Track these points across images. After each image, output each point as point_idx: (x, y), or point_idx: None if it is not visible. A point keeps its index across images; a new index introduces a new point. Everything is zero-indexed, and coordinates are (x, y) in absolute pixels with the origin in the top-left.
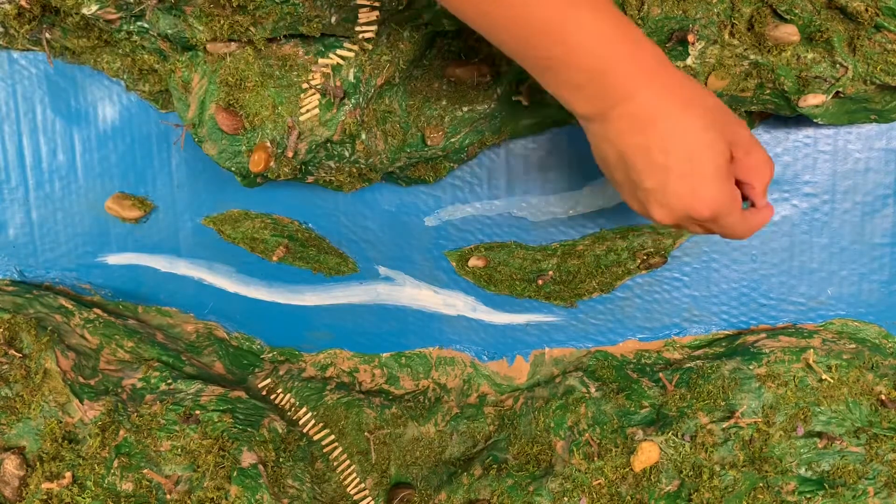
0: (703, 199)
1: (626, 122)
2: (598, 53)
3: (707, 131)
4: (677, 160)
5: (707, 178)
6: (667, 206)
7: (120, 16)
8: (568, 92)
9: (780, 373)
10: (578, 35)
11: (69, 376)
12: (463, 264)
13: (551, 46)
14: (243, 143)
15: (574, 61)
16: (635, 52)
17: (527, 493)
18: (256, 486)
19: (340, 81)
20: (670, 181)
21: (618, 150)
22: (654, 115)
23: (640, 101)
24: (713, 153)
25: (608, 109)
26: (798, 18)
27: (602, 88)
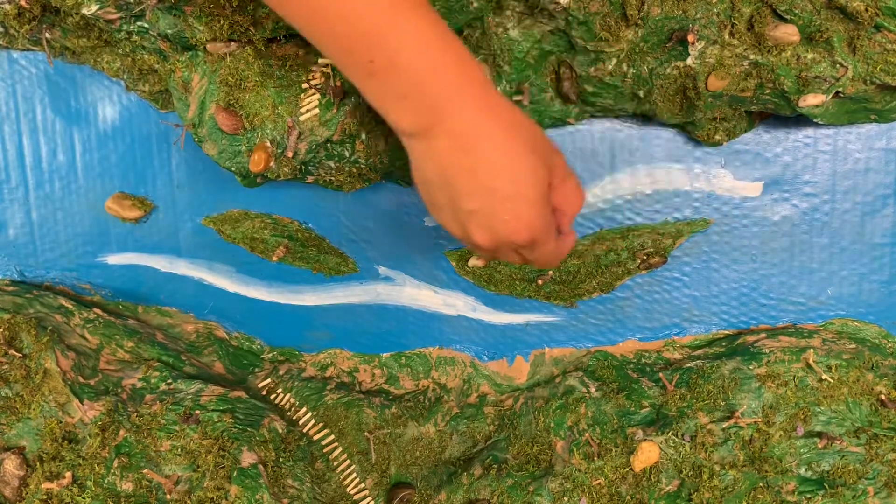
0: (525, 223)
1: (450, 140)
2: (422, 62)
3: (531, 157)
4: (502, 183)
5: (530, 203)
6: (489, 228)
7: (120, 16)
8: (391, 103)
9: (780, 373)
10: (403, 42)
11: (69, 376)
12: (463, 264)
13: (374, 51)
14: (243, 143)
15: (397, 69)
16: (462, 68)
17: (527, 493)
18: (256, 486)
19: (340, 81)
20: (494, 204)
21: (441, 169)
22: (479, 135)
23: (465, 120)
24: (536, 178)
25: (432, 125)
26: (798, 18)
27: (425, 100)
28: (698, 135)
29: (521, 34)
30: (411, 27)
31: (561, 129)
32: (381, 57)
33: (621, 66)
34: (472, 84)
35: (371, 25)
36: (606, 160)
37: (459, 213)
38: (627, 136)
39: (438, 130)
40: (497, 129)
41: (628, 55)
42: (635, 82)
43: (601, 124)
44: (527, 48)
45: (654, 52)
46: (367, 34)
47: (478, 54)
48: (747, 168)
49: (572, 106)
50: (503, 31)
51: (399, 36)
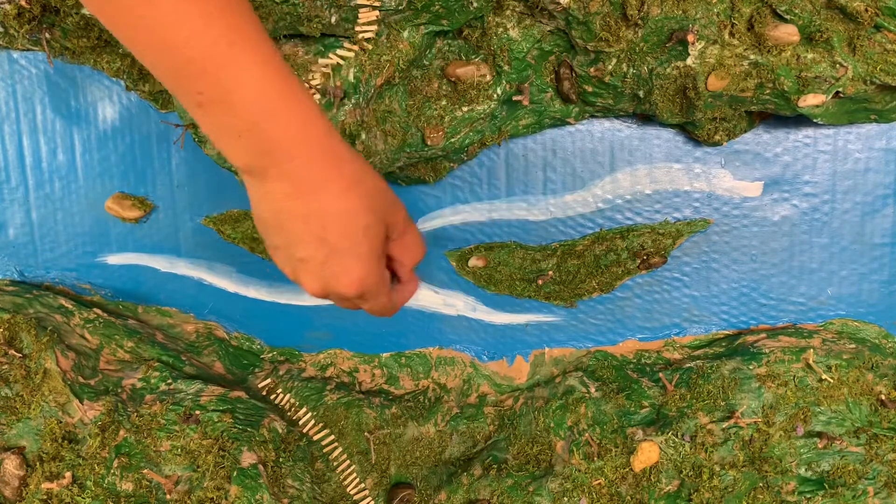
0: (354, 278)
1: (286, 185)
2: (260, 104)
3: (367, 214)
4: (335, 237)
5: (361, 259)
6: (319, 278)
7: None
8: (223, 138)
9: (780, 373)
10: (239, 80)
11: (69, 376)
12: (463, 264)
13: (204, 81)
14: None
15: (231, 106)
16: (304, 114)
17: (527, 493)
18: (256, 486)
19: (340, 81)
20: (325, 255)
21: (275, 213)
22: (316, 185)
23: (302, 167)
24: (369, 236)
25: (267, 167)
26: (798, 18)
27: (262, 142)
28: (698, 135)
29: (521, 34)
30: (250, 68)
31: (561, 129)
32: (213, 90)
33: (621, 66)
34: (314, 131)
35: (204, 59)
36: (606, 160)
37: (292, 258)
38: (627, 136)
39: (274, 174)
40: (335, 180)
41: (628, 55)
42: (635, 82)
43: (601, 124)
44: (527, 48)
45: (654, 52)
46: (199, 66)
47: (478, 54)
48: (747, 168)
49: (572, 106)
50: (503, 31)
51: (235, 73)
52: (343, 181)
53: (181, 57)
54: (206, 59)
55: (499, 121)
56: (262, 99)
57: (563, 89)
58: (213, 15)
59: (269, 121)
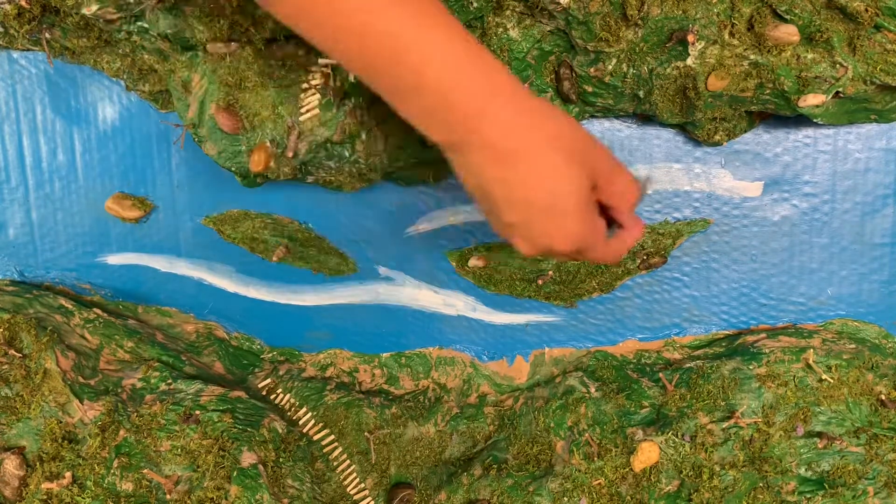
0: (565, 234)
1: (485, 153)
2: (448, 78)
3: (568, 166)
4: (539, 195)
5: (569, 213)
6: (529, 240)
7: (120, 16)
8: (420, 118)
9: (780, 373)
10: (427, 60)
11: (69, 376)
12: (463, 264)
13: (399, 68)
14: (243, 143)
15: (423, 86)
16: (490, 78)
17: (527, 493)
18: (256, 486)
19: (340, 81)
20: (532, 216)
21: (479, 182)
22: (513, 147)
23: (496, 132)
24: (574, 188)
25: (463, 139)
26: (798, 18)
27: (452, 115)
28: (698, 135)
29: (520, 34)
30: (434, 43)
31: None
32: (407, 75)
33: (621, 66)
34: (502, 94)
35: (393, 44)
36: None
37: (499, 223)
38: (627, 136)
39: (470, 144)
40: (531, 140)
41: (628, 55)
42: (635, 82)
43: (601, 124)
44: (527, 48)
45: (654, 52)
46: (393, 54)
47: None
48: (747, 168)
49: (572, 106)
50: (503, 31)
51: (422, 54)
52: (537, 139)
53: (376, 48)
54: (397, 48)
55: None
56: (449, 75)
57: (563, 89)
58: (402, 4)
59: (458, 95)
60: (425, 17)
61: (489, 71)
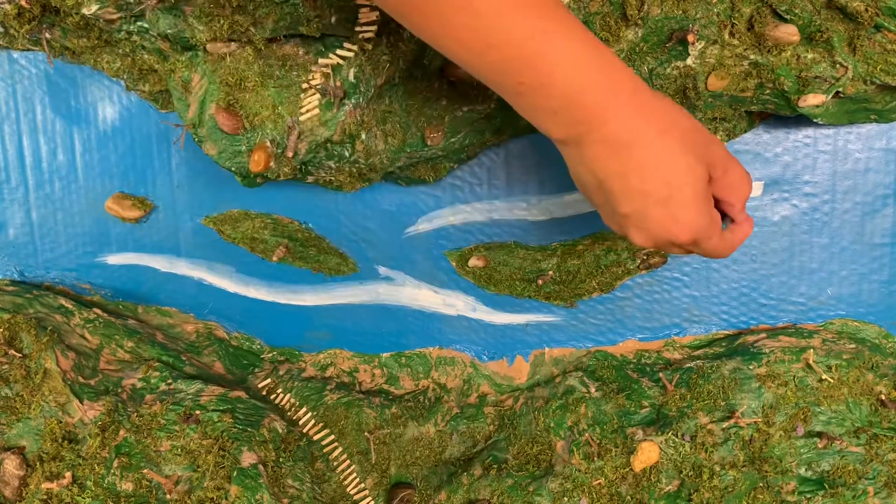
0: (682, 224)
1: (601, 147)
2: (572, 79)
3: (685, 155)
4: (655, 186)
5: (686, 203)
6: (646, 230)
7: (120, 16)
8: (541, 117)
9: (780, 373)
10: (555, 64)
11: (69, 376)
12: (463, 264)
13: (526, 74)
14: (243, 143)
15: (548, 87)
16: (611, 76)
17: (527, 493)
18: (256, 486)
19: (340, 81)
20: (649, 207)
21: (594, 174)
22: (630, 140)
23: (615, 126)
24: (691, 178)
25: (582, 134)
26: (798, 18)
27: (576, 114)
28: None
29: None
30: (563, 48)
31: None
32: (532, 78)
33: None
34: (622, 90)
35: (523, 52)
36: None
37: (614, 215)
38: None
39: (589, 138)
40: (648, 131)
41: (628, 55)
42: None
43: None
44: None
45: (654, 52)
46: (519, 60)
47: None
48: (747, 168)
49: None
50: None
51: (551, 59)
52: (655, 130)
53: (502, 55)
54: (525, 53)
55: (499, 121)
56: (576, 76)
57: None
58: (528, 8)
59: (583, 94)
60: (551, 20)
61: (612, 69)
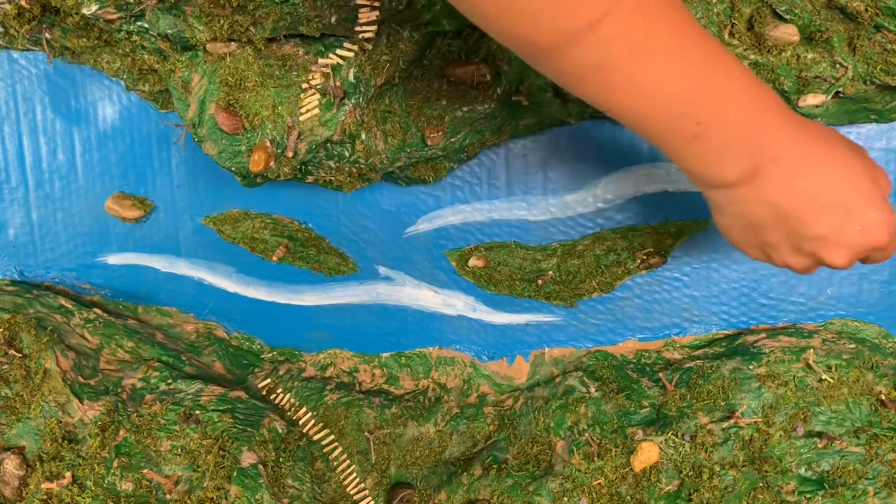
0: (882, 223)
1: (780, 170)
2: (745, 103)
3: (857, 158)
4: (844, 195)
5: (878, 203)
6: (847, 245)
7: (120, 16)
8: (713, 157)
9: (780, 373)
10: (728, 98)
11: (69, 376)
12: (463, 264)
13: (703, 110)
14: (243, 143)
15: (723, 119)
16: (769, 98)
17: (527, 493)
18: (256, 486)
19: (340, 81)
20: (844, 219)
21: (775, 205)
22: (805, 156)
23: (787, 146)
24: (870, 178)
25: (759, 164)
26: (798, 18)
27: (748, 142)
28: None
29: None
30: (732, 81)
31: (561, 129)
32: (710, 114)
33: None
34: (779, 109)
35: (698, 95)
36: (606, 160)
37: (805, 242)
38: (627, 136)
39: (766, 167)
40: (816, 144)
41: None
42: None
43: (601, 124)
44: None
45: None
46: (695, 103)
47: (477, 54)
48: None
49: (572, 106)
50: None
51: (723, 94)
52: (821, 141)
53: (684, 105)
54: (701, 94)
55: (499, 121)
56: (748, 100)
57: (562, 89)
58: (695, 57)
59: (756, 116)
60: (715, 57)
61: (767, 92)
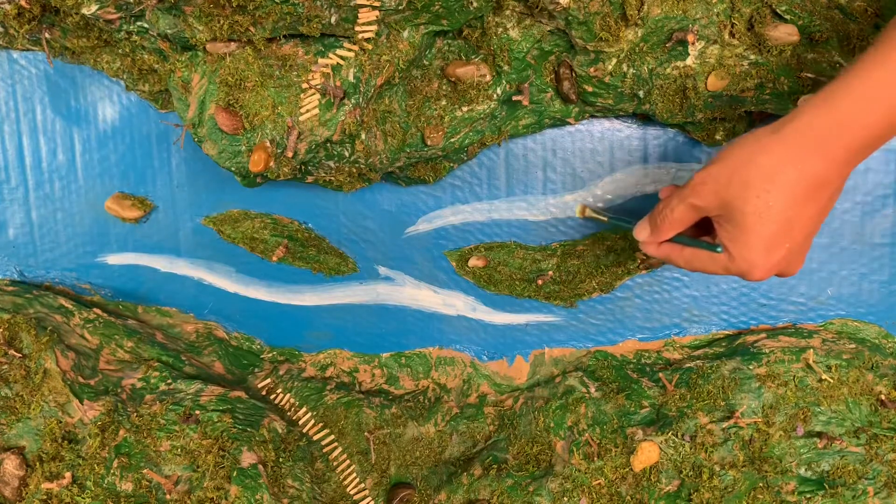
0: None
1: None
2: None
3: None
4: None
5: None
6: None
7: (120, 16)
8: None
9: (780, 373)
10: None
11: (69, 376)
12: (463, 264)
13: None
14: (243, 143)
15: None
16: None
17: (527, 493)
18: (256, 486)
19: (340, 81)
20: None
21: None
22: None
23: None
24: None
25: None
26: (798, 18)
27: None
28: (698, 135)
29: (520, 34)
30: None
31: (561, 129)
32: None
33: (621, 66)
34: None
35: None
36: (606, 160)
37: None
38: (627, 136)
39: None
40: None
41: (628, 55)
42: (635, 82)
43: (601, 124)
44: (526, 48)
45: (654, 52)
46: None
47: (478, 54)
48: None
49: (572, 106)
50: (503, 31)
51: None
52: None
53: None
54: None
55: (499, 121)
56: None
57: (563, 89)
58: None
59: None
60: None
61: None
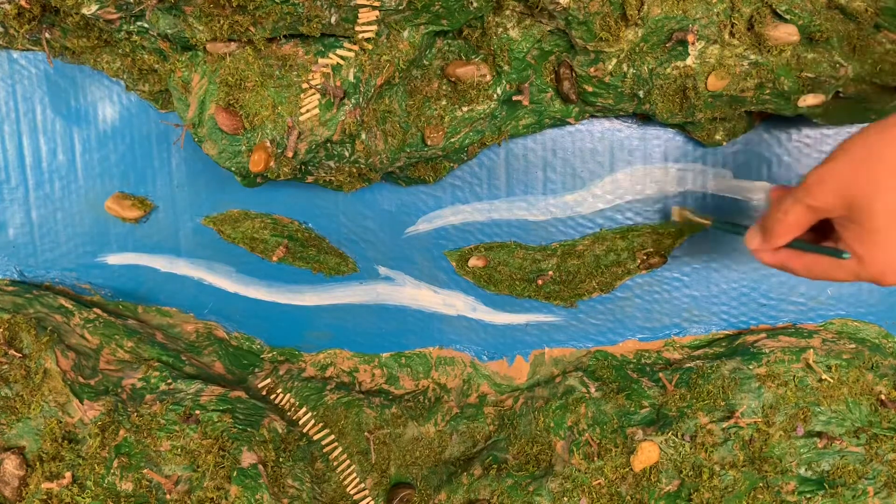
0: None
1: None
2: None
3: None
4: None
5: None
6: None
7: (120, 16)
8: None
9: (780, 373)
10: None
11: (69, 376)
12: (463, 264)
13: None
14: (243, 143)
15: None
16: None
17: (527, 493)
18: (256, 486)
19: (340, 81)
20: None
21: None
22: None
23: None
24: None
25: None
26: (798, 18)
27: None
28: (698, 135)
29: (520, 34)
30: None
31: (561, 129)
32: None
33: (621, 66)
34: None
35: None
36: (606, 160)
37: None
38: (627, 136)
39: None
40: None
41: (628, 55)
42: (635, 82)
43: (601, 124)
44: (526, 48)
45: (654, 52)
46: None
47: (478, 54)
48: (747, 168)
49: (572, 106)
50: (503, 31)
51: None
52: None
53: None
54: None
55: (499, 121)
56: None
57: (563, 89)
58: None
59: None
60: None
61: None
